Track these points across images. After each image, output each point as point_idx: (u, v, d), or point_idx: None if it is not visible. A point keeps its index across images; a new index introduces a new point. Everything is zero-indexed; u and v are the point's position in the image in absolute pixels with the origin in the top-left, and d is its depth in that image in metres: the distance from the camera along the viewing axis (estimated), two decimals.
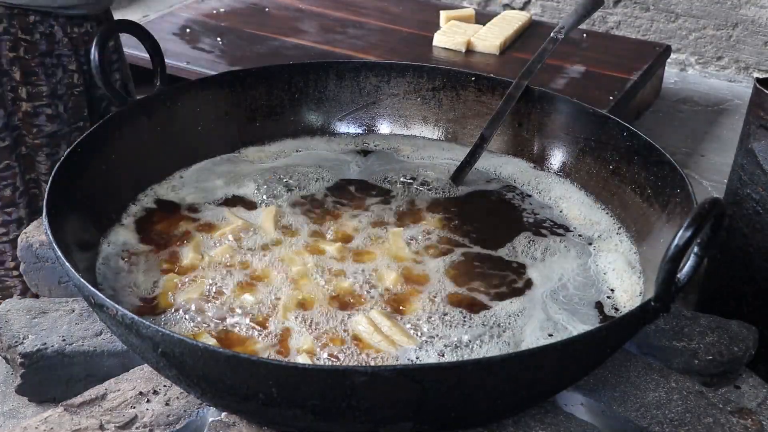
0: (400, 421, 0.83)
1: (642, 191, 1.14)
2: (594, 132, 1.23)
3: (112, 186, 1.13)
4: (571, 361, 0.86)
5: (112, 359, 1.03)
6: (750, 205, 1.23)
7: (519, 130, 1.32)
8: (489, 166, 1.30)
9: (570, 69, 2.06)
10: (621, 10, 2.50)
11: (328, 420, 0.83)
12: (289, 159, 1.31)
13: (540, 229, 1.15)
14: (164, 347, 0.80)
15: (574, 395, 0.98)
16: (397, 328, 0.95)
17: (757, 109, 1.21)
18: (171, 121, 1.24)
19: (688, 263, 0.85)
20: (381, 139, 1.37)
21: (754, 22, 2.33)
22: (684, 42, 2.45)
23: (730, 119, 2.13)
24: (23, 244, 1.17)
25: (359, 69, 1.37)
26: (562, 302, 1.02)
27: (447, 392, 0.80)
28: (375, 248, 1.10)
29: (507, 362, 0.80)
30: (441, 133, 1.37)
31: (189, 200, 1.18)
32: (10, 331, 1.04)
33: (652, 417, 0.94)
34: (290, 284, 1.02)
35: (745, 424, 0.95)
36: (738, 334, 1.07)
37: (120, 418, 0.92)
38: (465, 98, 1.36)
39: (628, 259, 1.09)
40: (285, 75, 1.35)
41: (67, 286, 1.17)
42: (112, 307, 0.82)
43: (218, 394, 0.85)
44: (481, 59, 2.11)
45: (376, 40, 2.23)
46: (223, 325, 0.96)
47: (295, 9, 2.43)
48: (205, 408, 0.94)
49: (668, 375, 1.00)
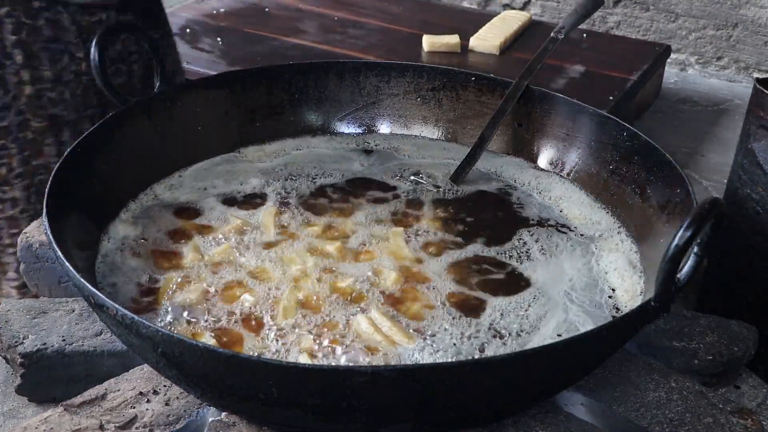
0: (400, 421, 0.83)
1: (642, 191, 1.14)
2: (594, 132, 1.23)
3: (112, 186, 1.13)
4: (571, 361, 0.85)
5: (112, 359, 1.03)
6: (750, 205, 1.23)
7: (519, 130, 1.32)
8: (489, 166, 1.30)
9: (570, 69, 2.05)
10: (621, 10, 2.50)
11: (328, 420, 0.83)
12: (289, 158, 1.31)
13: (541, 229, 1.15)
14: (164, 347, 0.80)
15: (574, 395, 0.98)
16: (398, 328, 0.95)
17: (757, 109, 1.21)
18: (171, 121, 1.24)
19: (688, 263, 0.85)
20: (381, 139, 1.37)
21: (754, 22, 2.33)
22: (684, 42, 2.45)
23: (730, 119, 2.13)
24: (23, 244, 1.17)
25: (359, 69, 1.37)
26: (574, 302, 1.02)
27: (447, 392, 0.80)
28: (375, 248, 1.10)
29: (507, 362, 0.80)
30: (441, 133, 1.37)
31: (188, 200, 1.18)
32: (10, 331, 1.04)
33: (652, 417, 0.94)
34: (290, 284, 1.02)
35: (745, 424, 0.95)
36: (738, 334, 1.08)
37: (120, 418, 0.92)
38: (465, 98, 1.36)
39: (629, 258, 1.09)
40: (285, 75, 1.35)
41: (67, 286, 1.17)
42: (112, 308, 0.82)
43: (218, 394, 0.85)
44: (481, 59, 2.11)
45: (377, 40, 2.23)
46: (222, 324, 0.96)
47: (295, 9, 2.43)
48: (205, 408, 0.94)
49: (668, 375, 1.00)
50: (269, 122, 1.34)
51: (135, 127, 1.18)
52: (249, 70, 1.35)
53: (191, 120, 1.27)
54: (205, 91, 1.29)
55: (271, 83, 1.34)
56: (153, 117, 1.21)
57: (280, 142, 1.34)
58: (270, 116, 1.35)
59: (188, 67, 2.04)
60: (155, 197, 1.18)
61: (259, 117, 1.34)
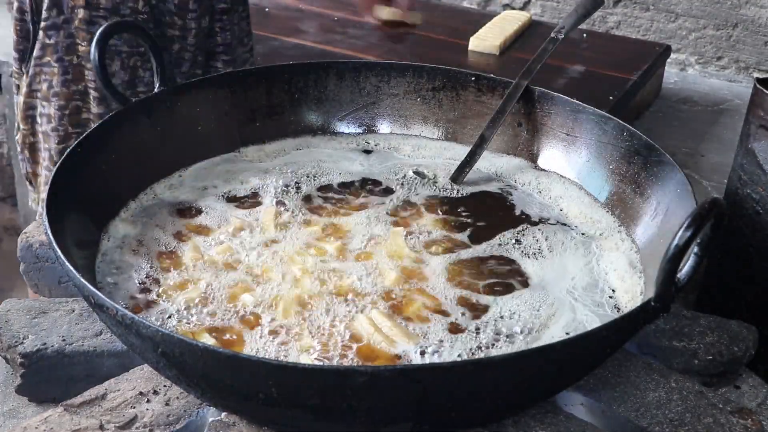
0: (400, 421, 0.83)
1: (642, 191, 1.14)
2: (594, 132, 1.23)
3: (112, 185, 1.13)
4: (571, 361, 0.85)
5: (112, 359, 1.03)
6: (750, 205, 1.23)
7: (519, 129, 1.32)
8: (489, 166, 1.30)
9: (570, 69, 2.05)
10: (621, 10, 2.50)
11: (328, 420, 0.83)
12: (289, 157, 1.31)
13: (541, 228, 1.15)
14: (164, 347, 0.80)
15: (574, 395, 0.98)
16: (398, 328, 0.95)
17: (757, 109, 1.21)
18: (171, 121, 1.24)
19: (688, 263, 0.85)
20: (381, 139, 1.37)
21: (754, 22, 2.33)
22: (684, 42, 2.45)
23: (730, 119, 2.13)
24: (23, 244, 1.17)
25: (359, 69, 1.37)
26: (578, 301, 1.02)
27: (447, 392, 0.80)
28: (375, 247, 1.10)
29: (507, 362, 0.80)
30: (441, 133, 1.37)
31: (189, 199, 1.18)
32: (10, 331, 1.04)
33: (652, 417, 0.94)
34: (290, 283, 1.02)
35: (745, 424, 0.95)
36: (738, 334, 1.07)
37: (120, 418, 0.92)
38: (465, 98, 1.36)
39: (629, 258, 1.09)
40: (285, 75, 1.35)
41: (67, 286, 1.17)
42: (112, 307, 0.82)
43: (218, 394, 0.85)
44: (481, 59, 2.11)
45: (377, 40, 2.23)
46: (222, 324, 0.96)
47: (295, 9, 2.43)
48: (205, 408, 0.94)
49: (668, 375, 1.00)
50: (269, 122, 1.34)
51: (135, 127, 1.18)
52: (249, 70, 1.35)
53: (191, 120, 1.27)
54: (205, 91, 1.28)
55: (271, 83, 1.34)
56: (153, 117, 1.21)
57: (280, 141, 1.34)
58: (270, 116, 1.35)
59: None
60: (155, 196, 1.18)
61: (259, 117, 1.34)
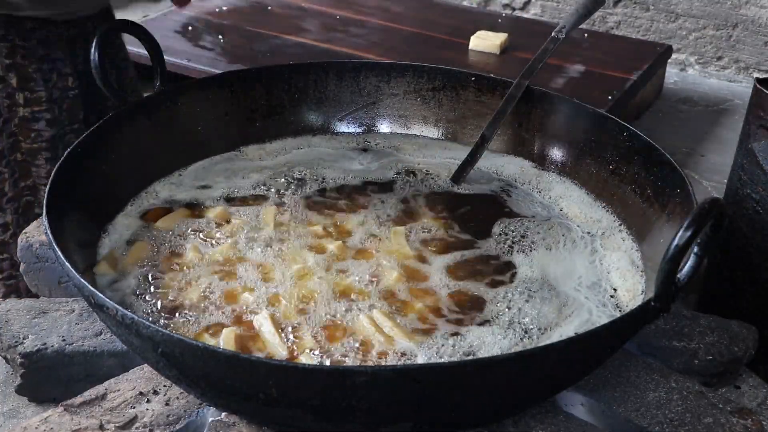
0: (400, 421, 0.83)
1: (642, 191, 1.14)
2: (594, 132, 1.23)
3: (112, 185, 1.13)
4: (571, 361, 0.85)
5: (112, 359, 1.03)
6: (750, 205, 1.22)
7: (519, 129, 1.32)
8: (490, 166, 1.30)
9: (570, 69, 2.06)
10: (621, 10, 2.50)
11: (328, 420, 0.83)
12: (290, 156, 1.31)
13: (541, 228, 1.15)
14: (164, 347, 0.80)
15: (574, 395, 0.98)
16: (399, 327, 0.95)
17: (757, 109, 1.21)
18: (171, 121, 1.24)
19: (688, 263, 0.85)
20: (381, 138, 1.37)
21: (754, 22, 2.33)
22: (684, 42, 2.45)
23: (730, 119, 2.13)
24: (23, 244, 1.17)
25: (359, 69, 1.37)
26: (586, 300, 1.02)
27: (447, 392, 0.80)
28: (376, 246, 1.10)
29: (507, 362, 0.80)
30: (441, 133, 1.37)
31: (188, 199, 1.18)
32: (10, 331, 1.04)
33: (652, 417, 0.94)
34: (291, 283, 1.02)
35: (745, 424, 0.95)
36: (738, 334, 1.08)
37: (120, 418, 0.92)
38: (465, 98, 1.36)
39: (630, 257, 1.09)
40: (285, 75, 1.35)
41: (67, 286, 1.17)
42: (112, 308, 0.82)
43: (218, 394, 0.85)
44: (481, 59, 2.11)
45: (378, 39, 2.23)
46: (223, 324, 0.96)
47: (297, 7, 2.43)
48: (205, 408, 0.94)
49: (668, 375, 1.00)
50: (269, 122, 1.34)
51: (135, 127, 1.18)
52: (249, 70, 1.35)
53: (191, 120, 1.27)
54: (204, 91, 1.29)
55: (271, 83, 1.34)
56: (153, 117, 1.21)
57: (280, 141, 1.34)
58: (270, 116, 1.35)
59: (189, 64, 2.05)
60: (156, 196, 1.18)
61: (259, 117, 1.34)
